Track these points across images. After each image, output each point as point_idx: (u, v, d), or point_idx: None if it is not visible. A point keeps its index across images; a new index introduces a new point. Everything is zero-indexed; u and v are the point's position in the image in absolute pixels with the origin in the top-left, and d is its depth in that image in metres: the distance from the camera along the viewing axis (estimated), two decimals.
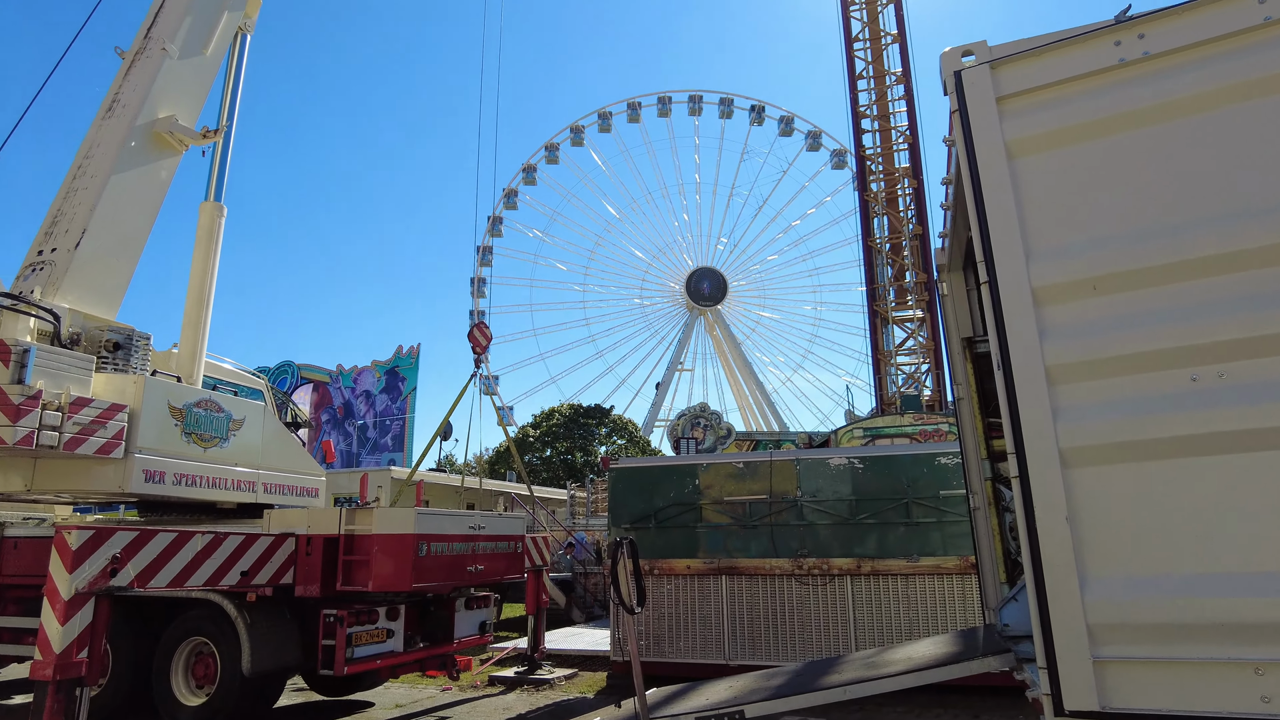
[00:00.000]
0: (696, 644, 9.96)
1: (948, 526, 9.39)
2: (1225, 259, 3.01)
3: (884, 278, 30.64)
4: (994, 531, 5.34)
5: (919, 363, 29.64)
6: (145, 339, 9.04)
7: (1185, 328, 2.98)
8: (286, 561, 7.90)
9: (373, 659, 7.97)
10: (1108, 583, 2.94)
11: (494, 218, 54.77)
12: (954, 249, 5.65)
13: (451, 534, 8.52)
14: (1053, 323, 3.19)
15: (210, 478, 8.71)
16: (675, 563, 10.21)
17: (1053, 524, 2.99)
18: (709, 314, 61.18)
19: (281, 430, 10.05)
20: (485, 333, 14.09)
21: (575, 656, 12.13)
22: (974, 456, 5.45)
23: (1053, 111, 3.39)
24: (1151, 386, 3.00)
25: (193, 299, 10.05)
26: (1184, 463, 2.93)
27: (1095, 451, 3.02)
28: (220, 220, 10.43)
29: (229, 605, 7.76)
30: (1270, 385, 2.85)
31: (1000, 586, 5.19)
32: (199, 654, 8.05)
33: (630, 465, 11.30)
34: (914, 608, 9.29)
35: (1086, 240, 3.24)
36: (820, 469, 10.10)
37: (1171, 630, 2.84)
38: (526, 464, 36.77)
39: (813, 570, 9.72)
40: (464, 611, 9.37)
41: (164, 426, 8.33)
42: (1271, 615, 2.73)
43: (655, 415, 56.74)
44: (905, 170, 31.04)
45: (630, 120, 55.62)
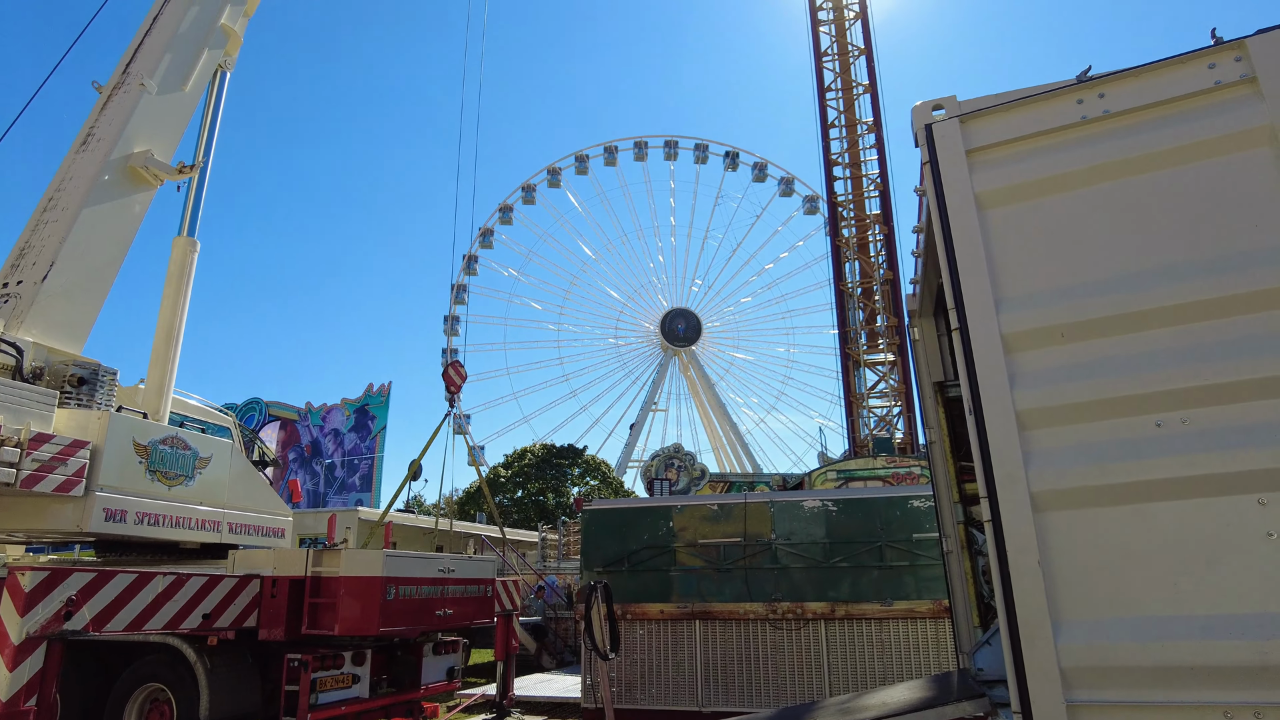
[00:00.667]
0: (669, 690, 9.81)
1: (921, 570, 9.41)
2: (1184, 309, 3.11)
3: (855, 321, 31.06)
4: (967, 575, 5.36)
5: (891, 405, 29.94)
6: (111, 374, 8.87)
7: (1149, 375, 3.06)
8: (251, 604, 7.70)
9: (337, 705, 7.75)
10: (1080, 626, 2.96)
11: (469, 256, 54.84)
12: (925, 295, 5.75)
13: (420, 577, 8.37)
14: (1023, 369, 3.25)
15: (174, 517, 8.50)
16: (649, 607, 10.10)
17: (1025, 567, 3.02)
18: (683, 354, 61.44)
19: (248, 469, 9.86)
20: (460, 372, 14.03)
21: (545, 704, 11.88)
22: (946, 500, 5.49)
23: (1020, 165, 3.51)
24: (1118, 432, 3.06)
25: (162, 334, 9.91)
26: (1151, 507, 2.98)
27: (1066, 496, 3.07)
28: (193, 256, 10.35)
29: (189, 650, 7.52)
30: (1231, 431, 2.93)
31: (974, 630, 5.19)
32: (154, 701, 7.78)
33: (604, 507, 11.22)
34: (888, 652, 9.25)
35: (1054, 289, 3.32)
36: (794, 511, 10.10)
37: (1142, 673, 2.86)
38: (497, 505, 36.29)
39: (787, 614, 9.66)
40: (431, 657, 9.16)
41: (128, 464, 8.13)
42: (1238, 658, 2.76)
43: (629, 456, 56.50)
44: (876, 216, 31.69)
45: (607, 163, 56.38)
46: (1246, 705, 2.74)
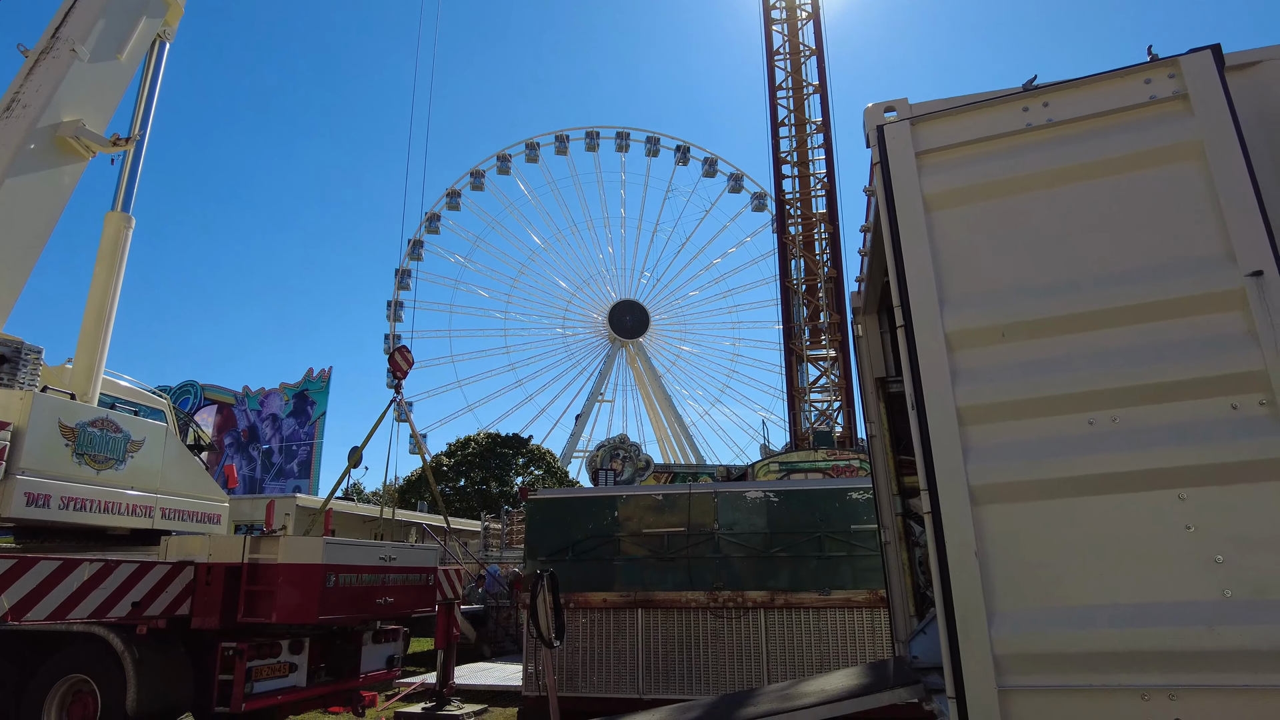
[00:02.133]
0: (611, 678, 9.88)
1: (858, 560, 9.65)
2: (1116, 313, 3.26)
3: (799, 317, 31.55)
4: (904, 565, 5.53)
5: (831, 400, 30.51)
6: (35, 353, 8.48)
7: (1083, 375, 3.21)
8: (184, 591, 7.48)
9: (274, 694, 7.59)
10: (1013, 616, 3.09)
11: (415, 241, 53.87)
12: (869, 293, 5.89)
13: (361, 565, 8.24)
14: (964, 366, 3.37)
15: (103, 502, 8.17)
16: (592, 595, 10.14)
17: (962, 559, 3.14)
18: (630, 346, 61.52)
19: (183, 453, 9.55)
20: (407, 357, 13.79)
21: (485, 692, 11.85)
22: (886, 492, 5.65)
23: (967, 169, 3.62)
24: (1053, 429, 3.20)
25: (92, 313, 9.50)
26: (1081, 501, 3.12)
27: (1003, 490, 3.19)
28: (127, 232, 9.94)
29: (115, 639, 7.27)
30: (1158, 430, 3.09)
31: (910, 619, 5.37)
32: (78, 693, 7.50)
33: (549, 496, 11.21)
34: (826, 640, 9.47)
35: (995, 290, 3.45)
36: (737, 502, 10.25)
37: (1069, 659, 3.00)
38: (440, 494, 35.96)
39: (728, 603, 9.80)
40: (371, 645, 9.04)
41: (52, 447, 7.79)
42: (1156, 644, 2.93)
43: (574, 446, 56.42)
44: (822, 215, 32.19)
45: (558, 152, 55.96)
46: (1162, 688, 2.91)
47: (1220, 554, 2.96)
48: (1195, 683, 2.89)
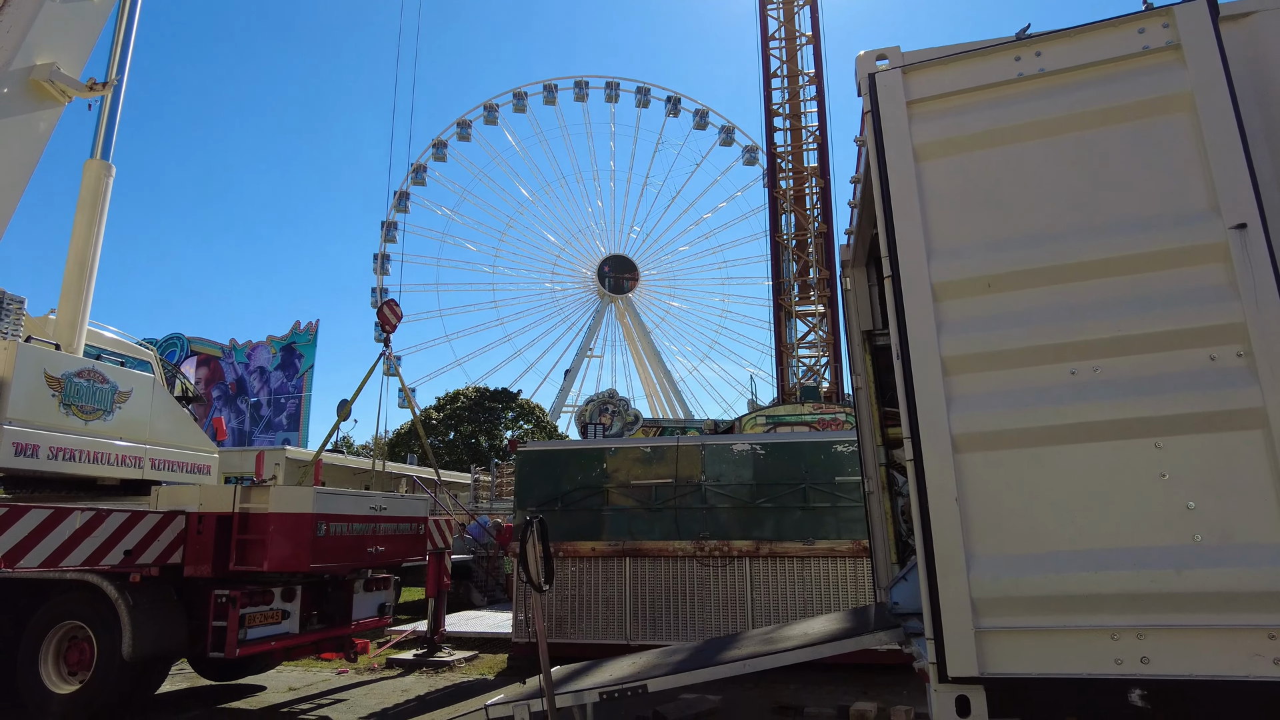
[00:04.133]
0: (599, 625, 10.09)
1: (842, 511, 9.81)
2: (1102, 265, 3.29)
3: (789, 273, 31.47)
4: (886, 515, 5.63)
5: (819, 356, 30.64)
6: (17, 302, 8.41)
7: (1068, 326, 3.25)
8: (175, 540, 7.55)
9: (266, 641, 7.73)
10: (991, 560, 3.17)
11: (401, 193, 53.17)
12: (858, 246, 5.89)
13: (352, 514, 8.32)
14: (950, 317, 3.40)
15: (91, 452, 8.19)
16: (580, 544, 10.29)
17: (943, 505, 3.21)
18: (620, 301, 61.37)
19: (171, 404, 9.54)
20: (395, 310, 13.75)
21: (476, 639, 12.08)
22: (870, 443, 5.73)
23: (958, 118, 3.60)
24: (1036, 379, 3.25)
25: (74, 263, 9.38)
26: (1060, 450, 3.19)
27: (984, 438, 3.25)
28: (108, 180, 9.77)
29: (109, 587, 7.35)
30: (1138, 380, 3.14)
31: (891, 567, 5.49)
32: (73, 639, 7.61)
33: (538, 448, 11.30)
34: (809, 588, 9.68)
35: (983, 241, 3.46)
36: (724, 454, 10.37)
37: (1044, 602, 3.10)
38: (430, 447, 36.18)
39: (714, 552, 9.98)
40: (363, 593, 9.18)
41: (38, 397, 7.77)
42: (1126, 587, 3.02)
43: (563, 401, 56.62)
44: (814, 169, 31.90)
45: (546, 102, 55.01)
46: (1131, 628, 3.01)
47: (1193, 500, 3.04)
48: (1162, 623, 2.99)
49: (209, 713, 7.96)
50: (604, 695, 4.37)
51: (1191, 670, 2.95)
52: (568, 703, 4.47)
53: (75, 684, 7.44)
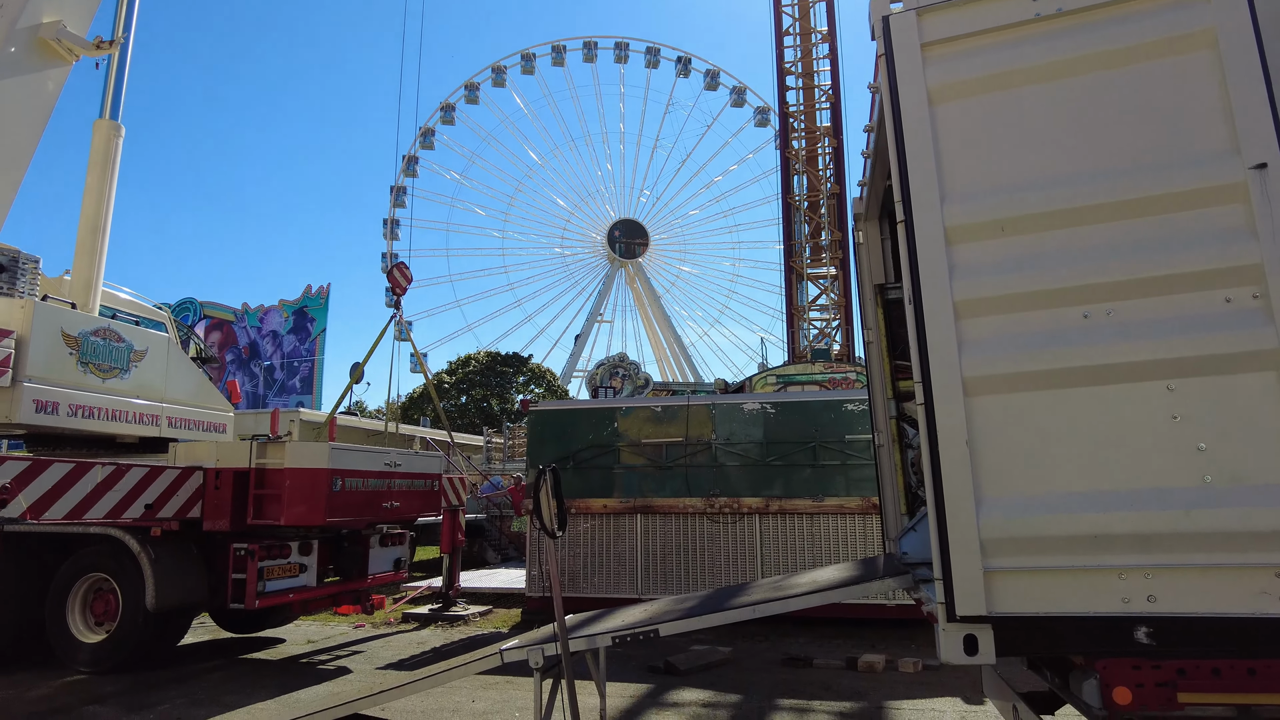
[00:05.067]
0: (611, 579, 10.24)
1: (851, 469, 9.87)
2: (1118, 207, 3.26)
3: (801, 235, 31.22)
4: (896, 467, 5.66)
5: (830, 318, 30.53)
6: (33, 262, 8.47)
7: (1082, 268, 3.23)
8: (194, 495, 7.68)
9: (285, 593, 7.90)
10: (1000, 502, 3.19)
11: (409, 157, 52.81)
12: (871, 198, 5.85)
13: (366, 470, 8.44)
14: (962, 261, 3.38)
15: (109, 410, 8.30)
16: (592, 501, 10.41)
17: (953, 448, 3.22)
18: (630, 266, 61.14)
19: (187, 363, 9.63)
20: (406, 274, 13.76)
21: (490, 594, 12.28)
22: (880, 396, 5.74)
23: (972, 60, 3.55)
24: (1048, 322, 3.24)
25: (87, 224, 9.42)
26: (1071, 392, 3.19)
27: (995, 381, 3.25)
28: (117, 140, 9.76)
29: (131, 540, 7.51)
30: (1152, 323, 3.13)
31: (900, 518, 5.53)
32: (98, 590, 7.80)
33: (550, 408, 11.38)
34: (818, 544, 9.78)
35: (997, 184, 3.43)
36: (734, 413, 10.41)
37: (1052, 543, 3.12)
38: (442, 409, 36.51)
39: (724, 509, 10.08)
40: (378, 548, 9.34)
41: (57, 355, 7.86)
42: (1134, 527, 3.04)
43: (574, 366, 56.75)
44: (826, 129, 31.46)
45: (554, 64, 54.26)
46: (1139, 567, 3.04)
47: (1203, 442, 3.05)
48: (1170, 562, 3.01)
49: (231, 663, 8.17)
50: (616, 639, 4.45)
51: (1198, 608, 2.98)
52: (581, 646, 4.56)
53: (102, 634, 7.64)
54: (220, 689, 7.01)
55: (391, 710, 6.25)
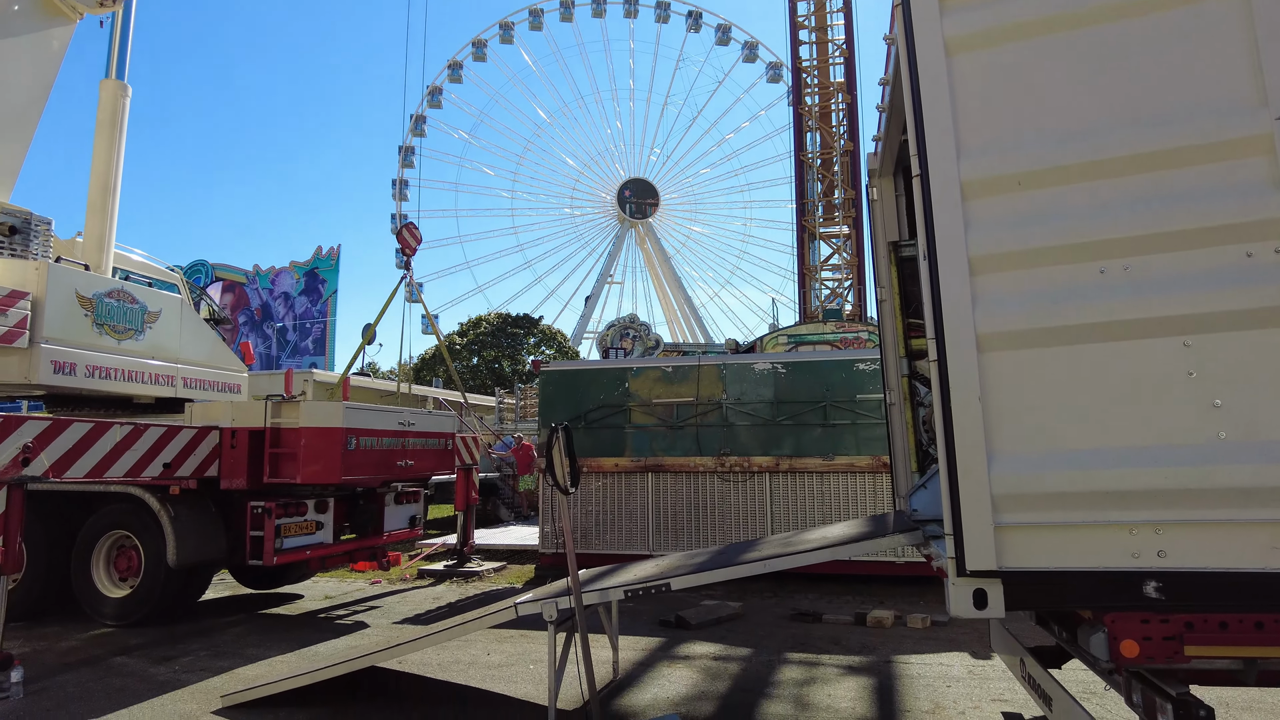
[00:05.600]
0: (622, 537, 10.37)
1: (862, 429, 9.88)
2: (1138, 160, 3.19)
3: (813, 193, 30.87)
4: (908, 425, 5.66)
5: (842, 278, 30.32)
6: (46, 223, 8.49)
7: (1099, 223, 3.18)
8: (211, 454, 7.78)
9: (302, 550, 8.04)
10: (1012, 458, 3.19)
11: (417, 116, 52.36)
12: (886, 154, 5.76)
13: (381, 429, 8.51)
14: (978, 216, 3.34)
15: (125, 370, 8.39)
16: (604, 461, 10.49)
17: (966, 403, 3.21)
18: (640, 226, 60.73)
19: (200, 324, 9.70)
20: (415, 234, 13.71)
21: (504, 551, 12.46)
22: (893, 355, 5.72)
23: (991, 10, 3.45)
24: (1064, 278, 3.21)
25: (97, 185, 9.42)
26: (1086, 349, 3.17)
27: (1009, 337, 3.23)
28: (124, 100, 9.71)
29: (151, 498, 7.65)
30: (1170, 278, 3.09)
31: (911, 476, 5.55)
32: (121, 547, 7.96)
33: (562, 368, 11.41)
34: (828, 502, 9.84)
35: (1015, 137, 3.37)
36: (745, 373, 10.41)
37: (1063, 499, 3.13)
38: (455, 370, 36.73)
39: (734, 468, 10.14)
40: (394, 506, 9.47)
41: (72, 316, 7.93)
42: (1146, 483, 3.04)
43: (584, 328, 56.75)
44: (840, 85, 30.91)
45: (563, 19, 53.35)
46: (1150, 523, 3.04)
47: (1219, 398, 3.03)
48: (1182, 518, 3.02)
49: (251, 617, 8.35)
50: (628, 593, 4.52)
51: (1208, 563, 2.99)
52: (594, 600, 4.63)
53: (126, 589, 7.82)
54: (241, 642, 7.18)
55: (409, 663, 6.40)
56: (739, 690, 5.69)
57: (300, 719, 5.04)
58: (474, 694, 5.69)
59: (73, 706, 5.37)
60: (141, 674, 6.16)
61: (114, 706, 5.35)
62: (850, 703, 5.37)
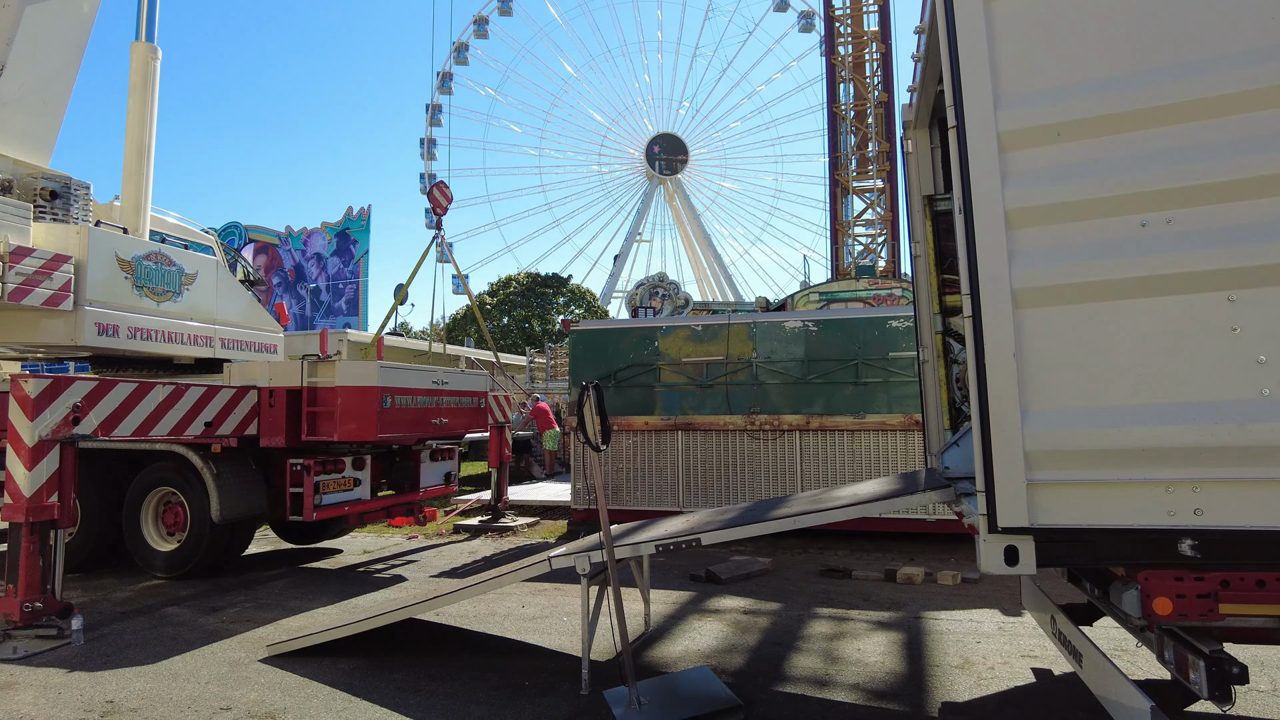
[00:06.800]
0: (652, 493, 10.48)
1: (894, 387, 9.81)
2: (1183, 108, 3.08)
3: (847, 146, 30.23)
4: (941, 383, 5.61)
5: (876, 234, 29.82)
6: (85, 187, 8.64)
7: (1141, 175, 3.09)
8: (250, 413, 7.97)
9: (340, 505, 8.24)
10: (1046, 414, 3.16)
11: (443, 73, 51.91)
12: (921, 105, 5.61)
13: (415, 388, 8.64)
14: (1015, 168, 3.26)
15: (165, 332, 8.58)
16: (634, 419, 10.56)
17: (1000, 360, 3.17)
18: (669, 183, 60.10)
19: (236, 285, 9.86)
20: (446, 193, 13.73)
21: (536, 507, 12.67)
22: (926, 311, 5.65)
23: None
24: (1104, 231, 3.13)
25: (131, 148, 9.53)
26: (1125, 304, 3.10)
27: (1045, 293, 3.17)
28: (155, 63, 9.75)
29: (194, 456, 7.87)
30: (1214, 231, 3.00)
31: (943, 433, 5.51)
32: (167, 503, 8.23)
33: (591, 328, 11.43)
34: (859, 460, 9.83)
35: (1054, 87, 3.26)
36: (775, 331, 10.36)
37: (1098, 456, 3.09)
38: (486, 330, 36.90)
39: (764, 426, 10.15)
40: (429, 463, 9.65)
41: (113, 279, 8.10)
42: (1185, 440, 2.99)
43: (613, 286, 56.66)
44: (874, 34, 30.02)
45: None
46: (1187, 480, 3.00)
47: (1264, 354, 2.96)
48: (1219, 475, 2.97)
49: (293, 571, 8.62)
50: (660, 547, 4.58)
51: (1246, 521, 2.96)
52: (626, 554, 4.71)
53: (174, 543, 8.11)
54: (284, 594, 7.43)
55: (446, 615, 6.58)
56: (769, 644, 5.78)
57: (342, 668, 5.22)
58: (510, 645, 5.84)
59: (130, 653, 5.62)
60: (192, 623, 6.41)
61: (168, 653, 5.59)
62: (879, 657, 5.43)
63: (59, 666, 5.33)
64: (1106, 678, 3.59)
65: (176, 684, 4.97)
